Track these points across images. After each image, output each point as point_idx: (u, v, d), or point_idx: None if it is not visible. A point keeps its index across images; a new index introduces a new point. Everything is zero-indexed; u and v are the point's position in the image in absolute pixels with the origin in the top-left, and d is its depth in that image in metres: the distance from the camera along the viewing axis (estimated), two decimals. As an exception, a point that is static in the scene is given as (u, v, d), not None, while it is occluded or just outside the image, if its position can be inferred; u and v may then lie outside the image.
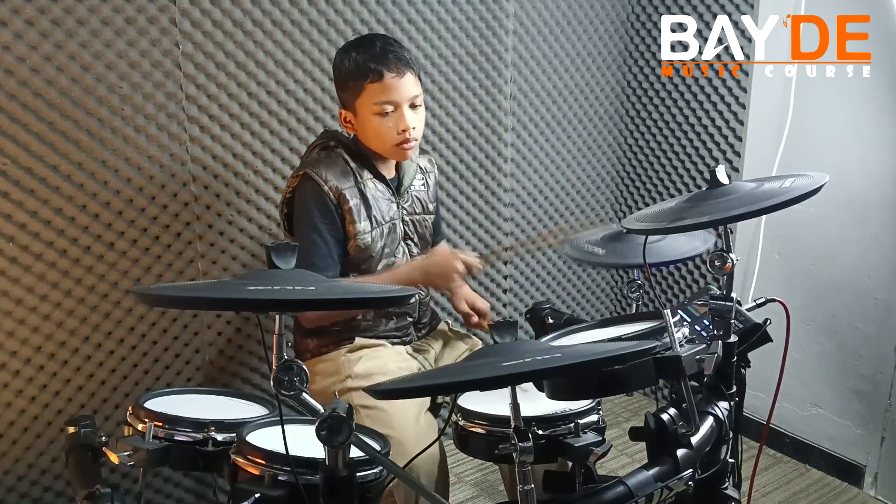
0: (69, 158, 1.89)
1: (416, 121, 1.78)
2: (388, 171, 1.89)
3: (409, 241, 1.92)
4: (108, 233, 1.97)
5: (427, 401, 1.78)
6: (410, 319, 1.95)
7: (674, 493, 1.30)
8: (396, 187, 1.90)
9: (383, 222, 1.84)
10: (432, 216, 2.00)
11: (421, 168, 1.98)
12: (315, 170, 1.77)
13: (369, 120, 1.77)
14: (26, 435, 1.98)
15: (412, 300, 1.90)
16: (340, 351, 1.85)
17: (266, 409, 1.59)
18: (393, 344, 1.91)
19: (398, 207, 1.88)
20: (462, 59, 2.51)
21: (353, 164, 1.81)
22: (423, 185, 1.97)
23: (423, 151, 2.04)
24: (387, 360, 1.84)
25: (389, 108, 1.75)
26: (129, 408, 1.49)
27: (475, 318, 2.00)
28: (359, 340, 1.86)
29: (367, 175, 1.83)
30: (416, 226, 1.93)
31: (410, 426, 1.69)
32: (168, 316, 2.11)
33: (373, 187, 1.83)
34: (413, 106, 1.77)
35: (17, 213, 1.86)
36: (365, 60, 1.74)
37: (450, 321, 2.11)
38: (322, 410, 1.09)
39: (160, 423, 1.40)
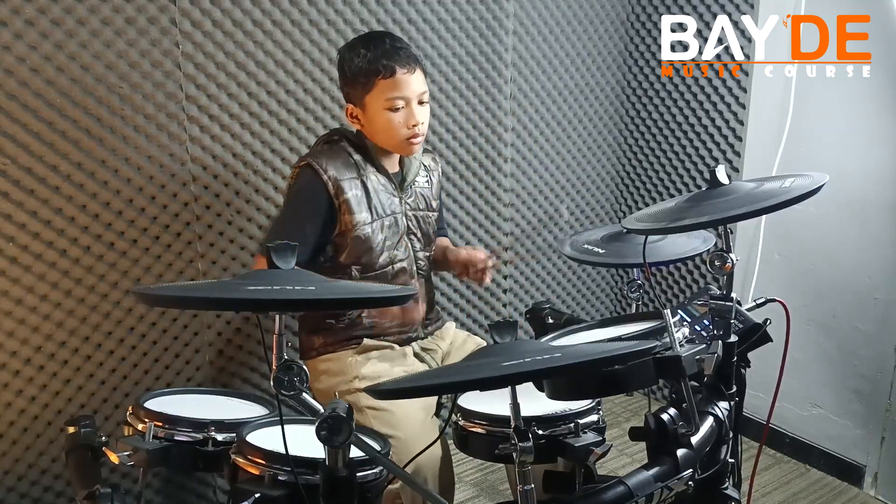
0: (69, 158, 1.89)
1: (423, 116, 1.81)
2: (392, 166, 1.90)
3: (413, 237, 1.93)
4: (108, 233, 1.97)
5: (434, 405, 1.77)
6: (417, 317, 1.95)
7: (674, 493, 1.30)
8: (399, 182, 1.90)
9: (384, 215, 1.84)
10: (435, 213, 2.00)
11: (425, 166, 1.99)
12: (316, 160, 1.79)
13: (379, 115, 1.78)
14: (26, 435, 1.98)
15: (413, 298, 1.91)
16: (347, 352, 1.85)
17: (266, 409, 1.59)
18: (401, 344, 1.91)
19: (401, 202, 1.89)
20: (462, 59, 2.51)
21: (356, 157, 1.83)
22: (427, 182, 1.98)
23: (426, 150, 2.04)
24: (395, 363, 1.84)
25: (400, 104, 1.77)
26: (129, 408, 1.49)
27: (471, 268, 1.97)
28: (366, 342, 1.86)
29: (369, 168, 1.84)
30: (420, 222, 1.94)
31: (417, 429, 1.69)
32: (168, 316, 2.11)
33: (374, 180, 1.84)
34: (421, 102, 1.81)
35: (17, 213, 1.86)
36: (377, 57, 1.76)
37: (454, 324, 2.11)
38: (322, 410, 1.09)
39: (160, 423, 1.41)
